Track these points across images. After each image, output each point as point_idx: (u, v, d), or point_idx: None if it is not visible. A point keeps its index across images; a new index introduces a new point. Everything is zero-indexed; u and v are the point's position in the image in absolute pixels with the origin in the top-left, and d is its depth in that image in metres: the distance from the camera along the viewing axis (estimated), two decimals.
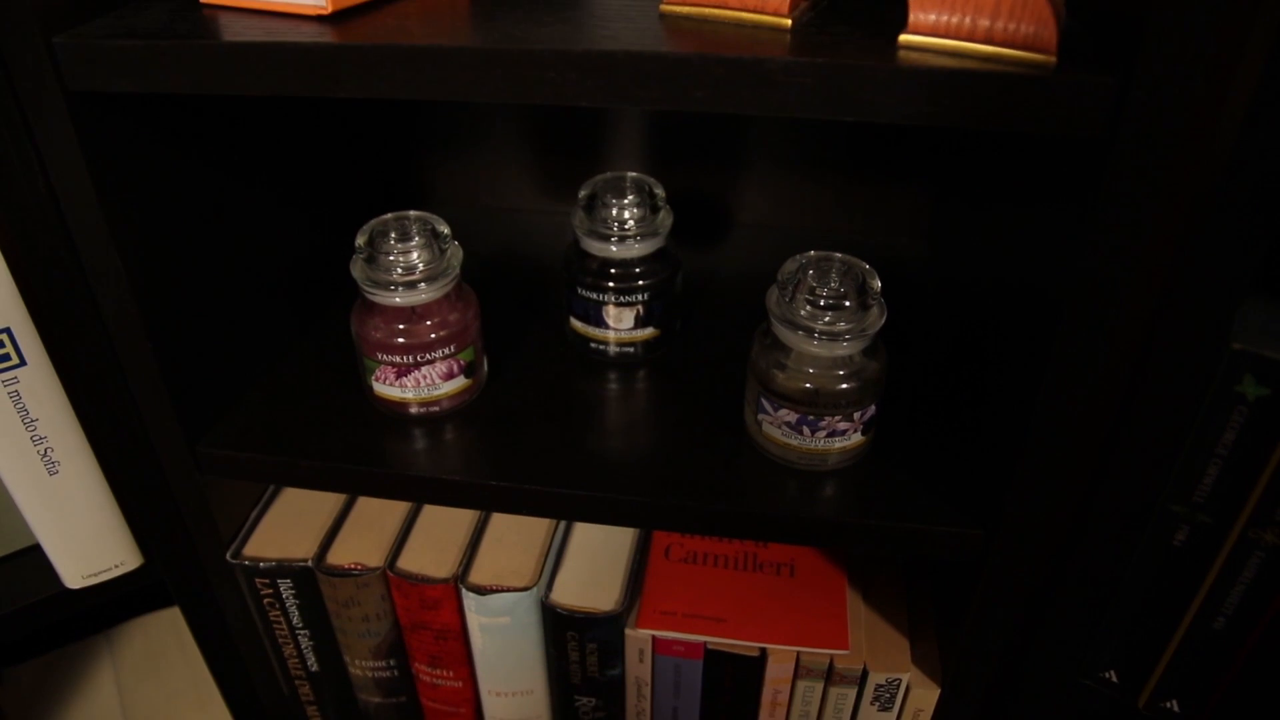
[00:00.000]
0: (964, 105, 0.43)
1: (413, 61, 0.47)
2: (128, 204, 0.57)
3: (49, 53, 0.50)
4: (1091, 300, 0.47)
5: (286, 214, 0.75)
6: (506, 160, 0.95)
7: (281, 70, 0.48)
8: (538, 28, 0.48)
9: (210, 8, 0.54)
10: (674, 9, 0.50)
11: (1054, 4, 0.44)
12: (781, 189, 0.92)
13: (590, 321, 0.72)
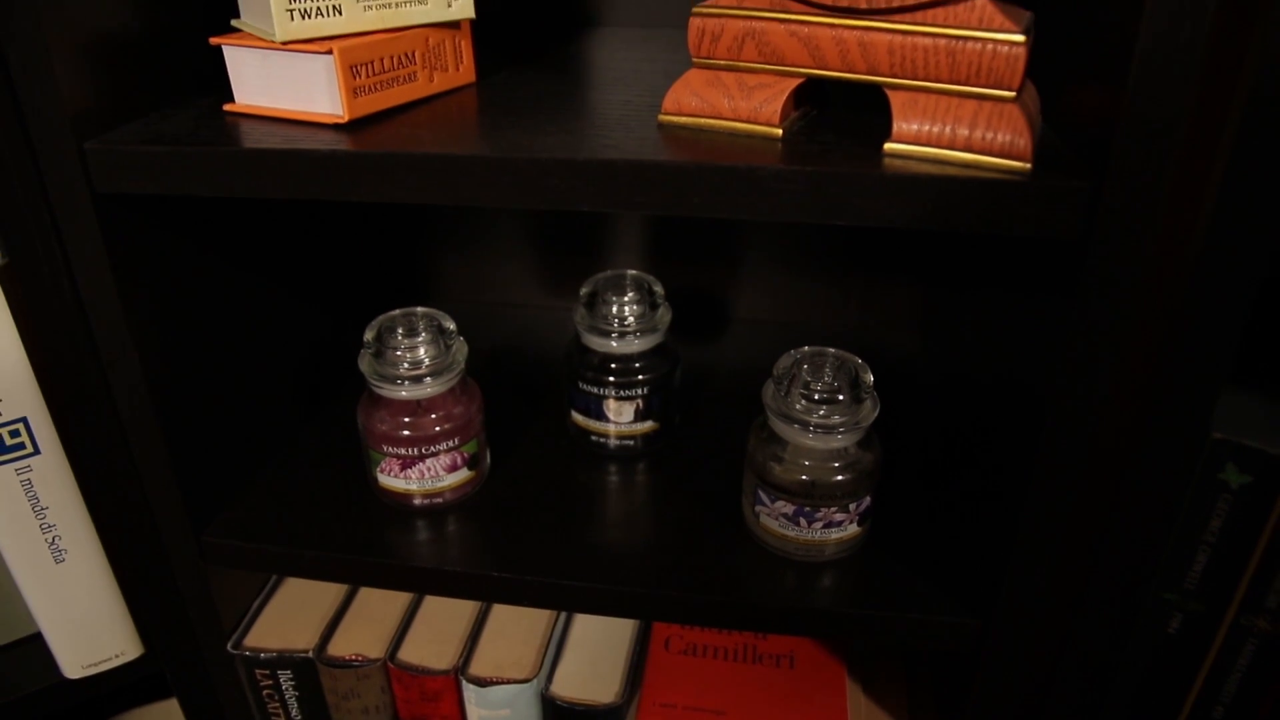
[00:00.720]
0: (946, 210, 0.46)
1: (425, 168, 0.49)
2: (146, 299, 0.59)
3: (80, 158, 0.53)
4: (1075, 392, 0.49)
5: (295, 307, 0.78)
6: (510, 257, 0.98)
7: (300, 176, 0.51)
8: (543, 136, 0.51)
9: (233, 114, 0.58)
10: (671, 119, 0.53)
11: (1028, 114, 0.47)
12: (777, 285, 0.95)
13: (591, 415, 0.74)
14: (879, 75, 0.48)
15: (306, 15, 0.53)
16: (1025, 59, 0.45)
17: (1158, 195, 0.43)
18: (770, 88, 0.50)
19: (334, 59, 0.52)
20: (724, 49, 0.50)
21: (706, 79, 0.51)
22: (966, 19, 0.45)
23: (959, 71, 0.46)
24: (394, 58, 0.56)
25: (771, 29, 0.49)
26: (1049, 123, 0.53)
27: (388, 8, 0.56)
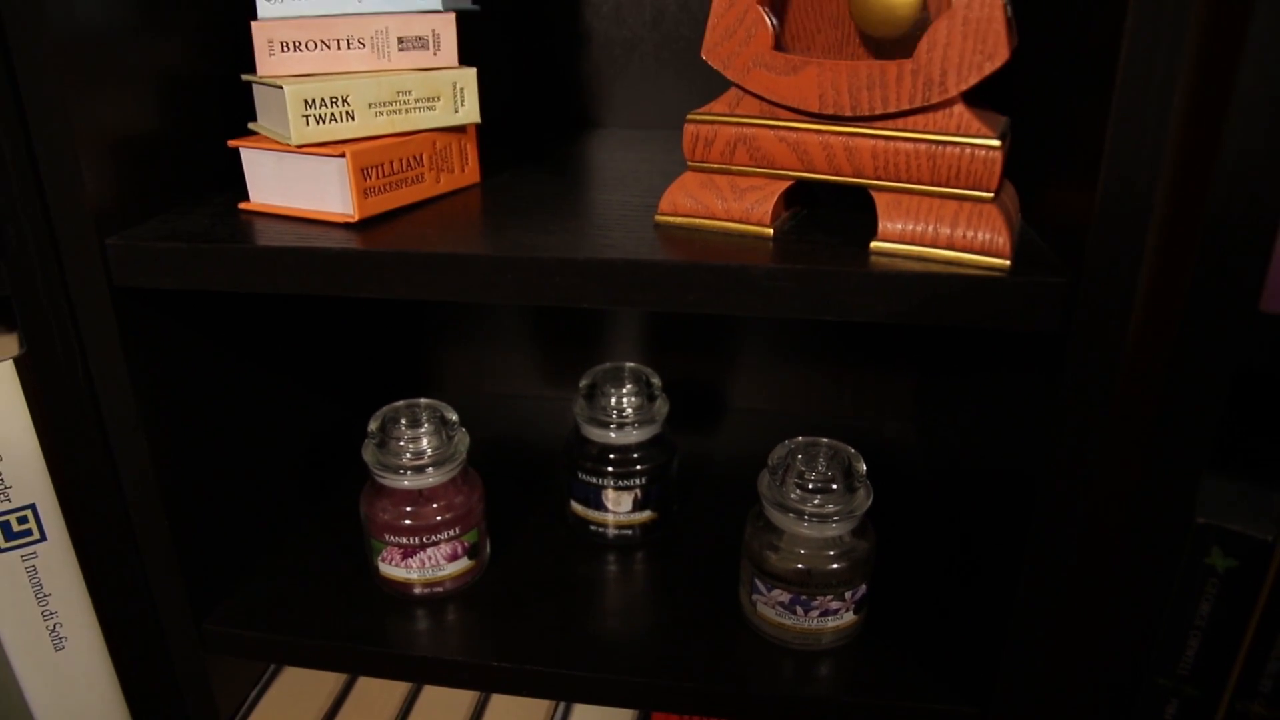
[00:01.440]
0: (930, 305, 0.48)
1: (431, 267, 0.52)
2: (157, 388, 0.61)
3: (101, 253, 0.55)
4: (1061, 479, 0.51)
5: (299, 396, 0.79)
6: (511, 349, 1.00)
7: (312, 273, 0.53)
8: (545, 235, 0.53)
9: (248, 213, 0.60)
10: (667, 219, 0.55)
11: (1007, 213, 0.49)
12: (772, 376, 0.97)
13: (590, 505, 0.75)
14: (864, 178, 0.50)
15: (321, 120, 0.56)
16: (1001, 162, 0.48)
17: (1131, 290, 0.46)
18: (761, 190, 0.53)
19: (346, 162, 0.55)
20: (717, 153, 0.53)
21: (701, 181, 0.54)
22: (945, 125, 0.48)
23: (939, 174, 0.48)
24: (403, 160, 0.59)
25: (762, 135, 0.51)
26: (1029, 220, 0.55)
27: (398, 113, 0.59)
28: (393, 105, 0.58)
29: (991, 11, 0.45)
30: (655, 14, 0.85)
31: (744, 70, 0.51)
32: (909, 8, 0.48)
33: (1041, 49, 0.54)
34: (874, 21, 0.49)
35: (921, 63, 0.47)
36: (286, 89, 0.55)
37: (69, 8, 0.51)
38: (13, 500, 0.62)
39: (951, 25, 0.46)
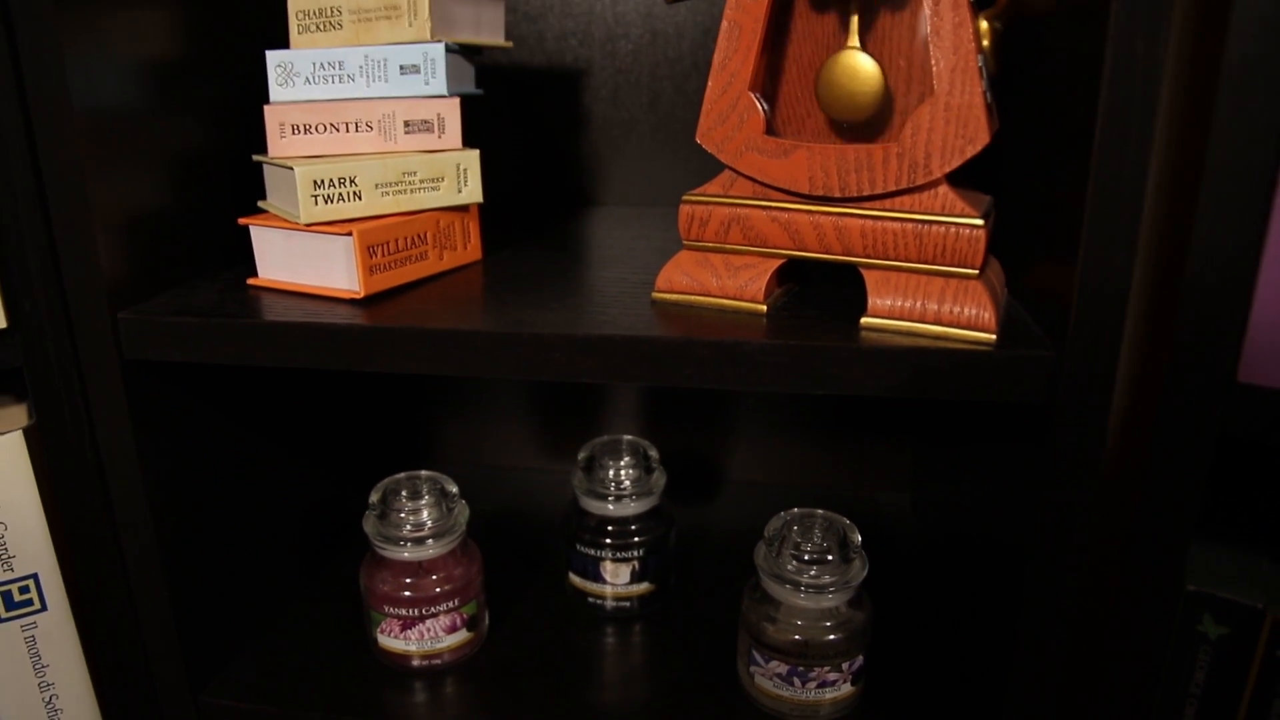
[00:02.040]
0: (919, 379, 0.49)
1: (434, 342, 0.53)
2: (162, 459, 0.62)
3: (113, 327, 0.57)
4: (1052, 548, 0.51)
5: (301, 468, 0.80)
6: (510, 421, 1.01)
7: (319, 347, 0.55)
8: (545, 312, 0.55)
9: (256, 288, 0.62)
10: (664, 296, 0.57)
11: (992, 289, 0.51)
12: (768, 448, 0.98)
13: (588, 577, 0.75)
14: (854, 256, 0.52)
15: (329, 200, 0.58)
16: (985, 240, 0.49)
17: (1112, 362, 0.47)
18: (755, 268, 0.54)
19: (353, 240, 0.57)
20: (712, 233, 0.55)
21: (696, 260, 0.56)
22: (931, 205, 0.50)
23: (926, 252, 0.50)
24: (407, 238, 0.61)
25: (755, 215, 0.53)
26: (1015, 294, 0.57)
27: (403, 193, 0.61)
28: (398, 185, 0.61)
29: (972, 99, 0.48)
30: (652, 96, 0.88)
31: (737, 154, 0.53)
32: (871, 95, 0.51)
33: (1022, 132, 0.57)
34: (839, 108, 0.52)
35: (906, 146, 0.49)
36: (297, 170, 0.57)
37: (92, 89, 0.54)
38: (15, 570, 0.63)
39: (934, 111, 0.48)
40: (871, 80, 0.51)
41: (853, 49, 0.51)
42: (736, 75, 0.52)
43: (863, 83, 0.51)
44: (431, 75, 0.61)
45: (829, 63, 0.52)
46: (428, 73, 0.61)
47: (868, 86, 0.51)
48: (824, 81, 0.52)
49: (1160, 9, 0.42)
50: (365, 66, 0.62)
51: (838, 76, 0.51)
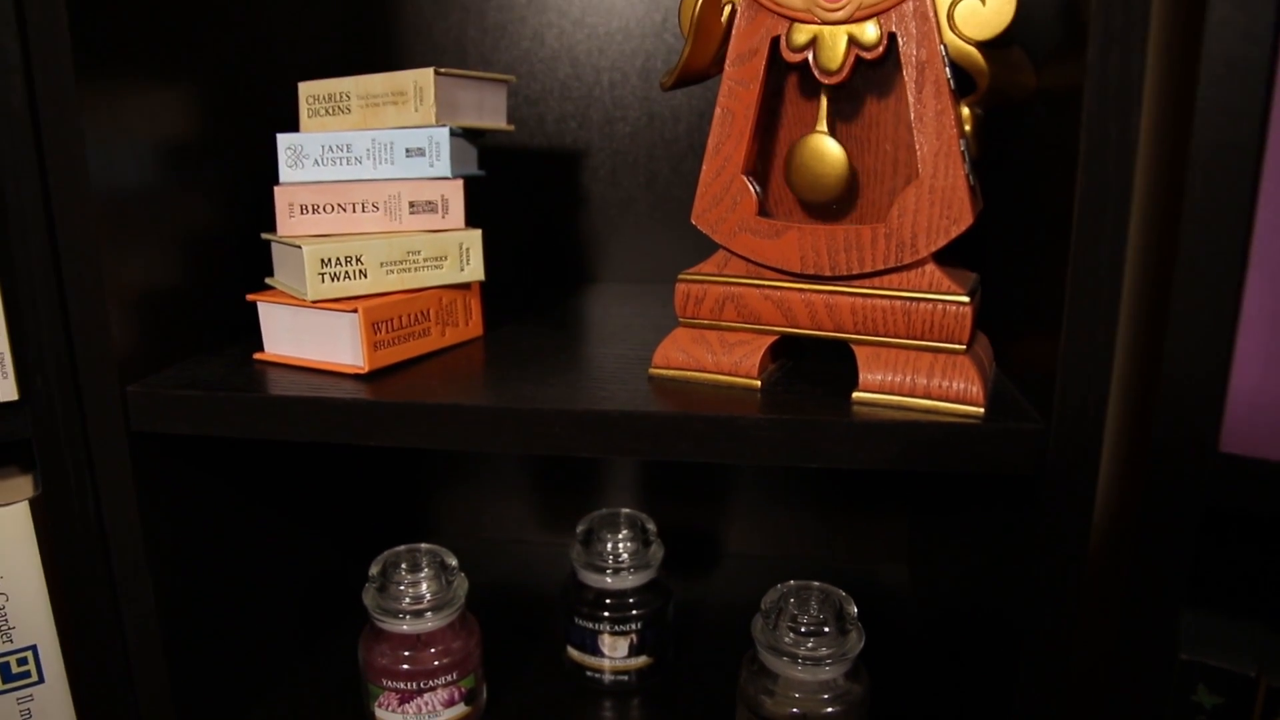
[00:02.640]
0: (910, 452, 0.50)
1: (436, 417, 0.54)
2: (165, 531, 0.63)
3: (122, 400, 0.58)
4: (1045, 619, 0.52)
5: (300, 539, 0.81)
6: (509, 495, 1.02)
7: (323, 422, 0.56)
8: (544, 387, 0.56)
9: (262, 363, 0.63)
10: (660, 372, 0.58)
11: (980, 363, 0.53)
12: (766, 521, 0.98)
13: (587, 650, 0.75)
14: (845, 332, 0.54)
15: (335, 278, 0.60)
16: (972, 317, 0.51)
17: (1098, 434, 0.48)
18: (749, 344, 0.56)
19: (358, 317, 0.59)
20: (707, 310, 0.56)
21: (692, 336, 0.57)
22: (918, 283, 0.52)
23: (914, 328, 0.52)
24: (411, 315, 0.63)
25: (748, 293, 0.55)
26: (1003, 368, 0.58)
27: (408, 271, 0.63)
28: (403, 264, 0.62)
29: (955, 181, 0.50)
30: (649, 176, 0.90)
31: (731, 234, 0.55)
32: (837, 179, 0.53)
33: (1006, 212, 0.59)
34: (805, 188, 0.54)
35: (894, 227, 0.51)
36: (305, 249, 0.59)
37: (110, 169, 0.56)
38: (15, 641, 0.63)
39: (920, 193, 0.50)
40: (837, 163, 0.53)
41: (820, 133, 0.53)
42: (730, 159, 0.54)
43: (830, 165, 0.53)
44: (436, 158, 0.64)
45: (796, 146, 0.54)
46: (432, 155, 0.64)
47: (834, 169, 0.53)
48: (792, 165, 0.54)
49: (1131, 97, 0.44)
50: (372, 149, 0.64)
51: (805, 159, 0.53)
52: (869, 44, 0.50)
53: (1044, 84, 0.52)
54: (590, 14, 0.88)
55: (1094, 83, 0.45)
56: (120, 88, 0.57)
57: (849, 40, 0.51)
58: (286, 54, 0.76)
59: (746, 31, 0.53)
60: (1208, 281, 0.45)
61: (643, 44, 0.88)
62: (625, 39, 0.88)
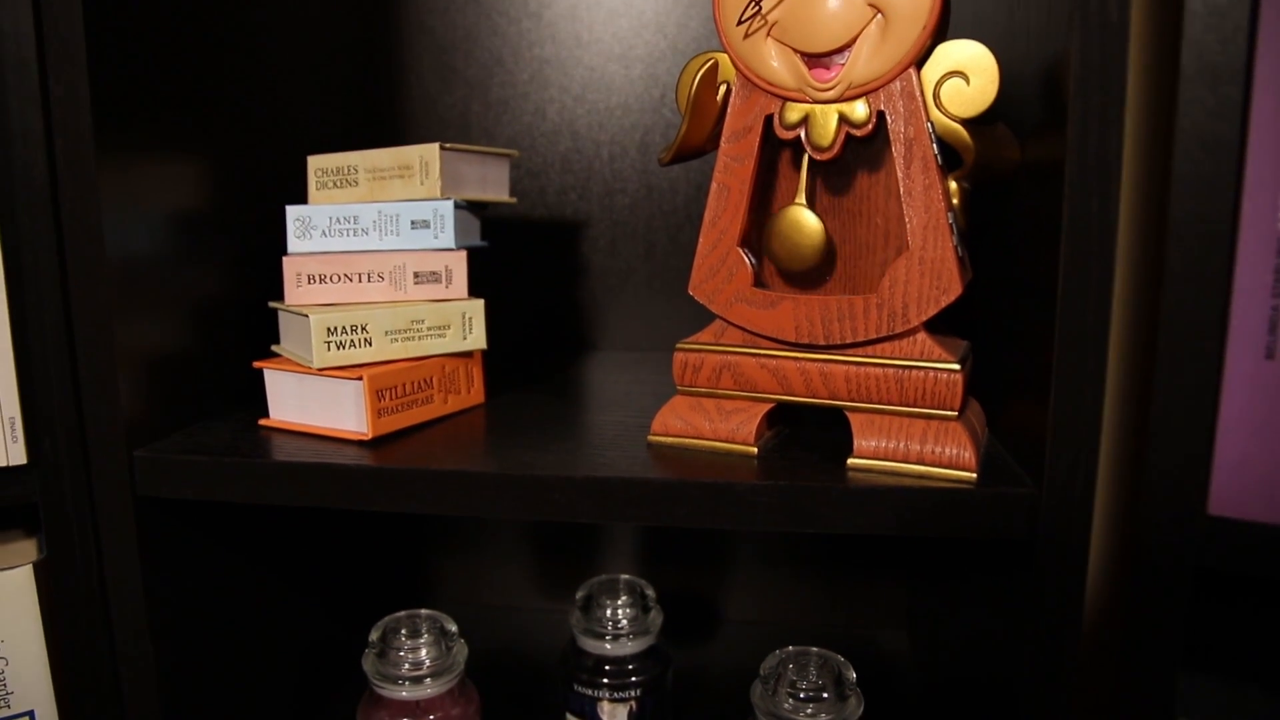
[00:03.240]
0: (904, 518, 0.51)
1: (439, 483, 0.55)
2: (166, 595, 0.63)
3: (129, 464, 0.59)
4: (1043, 684, 0.52)
5: (299, 604, 0.81)
6: (509, 561, 1.02)
7: (327, 487, 0.57)
8: (545, 454, 0.57)
9: (267, 429, 0.64)
10: (659, 439, 0.59)
11: (972, 429, 0.54)
12: (765, 587, 0.98)
13: (585, 717, 0.75)
14: (839, 400, 0.55)
15: (341, 346, 0.61)
16: (963, 384, 0.52)
17: (1088, 498, 0.49)
18: (745, 411, 0.57)
19: (363, 385, 0.60)
20: (704, 379, 0.58)
21: (689, 404, 0.59)
22: (910, 351, 0.53)
23: (907, 395, 0.53)
24: (414, 383, 0.64)
25: (745, 362, 0.56)
26: (995, 433, 0.59)
27: (412, 339, 0.64)
28: (407, 333, 0.64)
29: (944, 253, 0.51)
30: (647, 247, 0.92)
31: (727, 305, 0.56)
32: (813, 250, 0.54)
33: (995, 281, 0.60)
34: (784, 258, 0.55)
35: (885, 297, 0.53)
36: (312, 318, 0.60)
37: (125, 238, 0.58)
38: (12, 707, 0.63)
39: (910, 264, 0.52)
40: (814, 234, 0.54)
41: (798, 205, 0.55)
42: (725, 232, 0.56)
43: (806, 236, 0.54)
44: (441, 230, 0.65)
45: (775, 218, 0.55)
46: (437, 227, 0.66)
47: (810, 240, 0.54)
48: (771, 235, 0.55)
49: (1110, 172, 0.46)
50: (379, 221, 0.66)
51: (784, 230, 0.55)
52: (859, 122, 0.53)
53: (1028, 159, 0.54)
54: (591, 90, 0.91)
55: (1074, 159, 0.46)
56: (136, 160, 0.59)
57: (840, 118, 0.53)
58: (296, 127, 0.78)
59: (741, 110, 0.55)
60: (1189, 349, 0.46)
61: (641, 119, 0.91)
62: (624, 114, 0.91)
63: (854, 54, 0.52)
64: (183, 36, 0.63)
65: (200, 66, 0.65)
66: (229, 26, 0.68)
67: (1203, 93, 0.43)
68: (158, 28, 0.60)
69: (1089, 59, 0.46)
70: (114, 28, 0.56)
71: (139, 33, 0.59)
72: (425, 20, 0.93)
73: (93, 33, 0.54)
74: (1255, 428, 0.46)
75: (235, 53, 0.69)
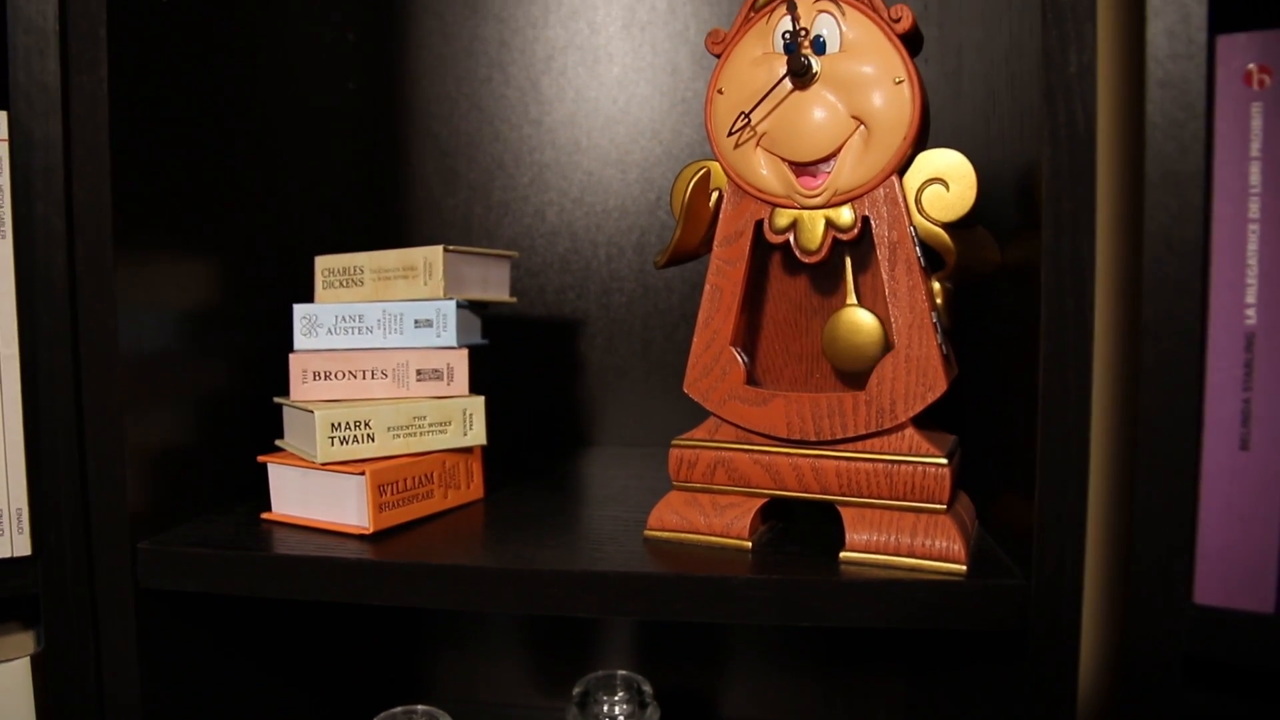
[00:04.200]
0: (897, 610, 0.52)
1: (438, 578, 0.56)
2: (162, 688, 0.63)
3: (132, 556, 0.60)
4: None
5: (297, 700, 0.80)
6: (506, 655, 1.01)
7: (329, 581, 0.57)
8: (542, 549, 0.58)
9: (269, 522, 0.65)
10: (655, 534, 0.60)
11: (961, 522, 0.55)
12: (762, 680, 0.97)
13: None
14: (831, 494, 0.56)
15: (344, 441, 0.63)
16: (951, 478, 0.54)
17: (1077, 589, 0.50)
18: (740, 506, 0.58)
19: (365, 480, 0.61)
20: (699, 474, 0.59)
21: (685, 499, 0.60)
22: (899, 446, 0.54)
23: (897, 490, 0.54)
24: (415, 478, 0.65)
25: (739, 458, 0.58)
26: (985, 526, 0.60)
27: (413, 435, 0.66)
28: (409, 429, 0.65)
29: (929, 351, 0.53)
30: (643, 345, 0.94)
31: (721, 402, 0.58)
32: (873, 347, 0.56)
33: (980, 378, 0.62)
34: (846, 359, 0.57)
35: (873, 394, 0.54)
36: (317, 414, 0.62)
37: (137, 335, 0.60)
38: None
39: (896, 363, 0.54)
40: (873, 331, 0.56)
41: (851, 306, 0.57)
42: (719, 333, 0.58)
43: (866, 334, 0.56)
44: (443, 329, 0.67)
45: (831, 322, 0.57)
46: (440, 326, 0.68)
47: (871, 337, 0.56)
48: (829, 338, 0.57)
49: (1084, 273, 0.48)
50: (383, 320, 0.68)
51: (842, 332, 0.56)
52: (845, 226, 0.55)
53: (1007, 260, 0.57)
54: (589, 193, 0.95)
55: (1049, 261, 0.49)
56: (151, 259, 0.61)
57: (827, 223, 0.55)
58: (304, 228, 0.81)
59: (732, 215, 0.58)
60: (1167, 443, 0.47)
61: (638, 220, 0.94)
62: (621, 216, 0.94)
63: (839, 163, 0.55)
64: (199, 140, 0.66)
65: (214, 169, 0.68)
66: (242, 131, 0.72)
67: (1166, 198, 0.46)
68: (177, 132, 0.63)
69: (1059, 168, 0.48)
70: (137, 134, 0.59)
71: (159, 138, 0.62)
72: (430, 126, 0.97)
73: (117, 140, 0.57)
74: (1235, 517, 0.48)
75: (247, 156, 0.72)
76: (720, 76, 0.58)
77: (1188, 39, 0.45)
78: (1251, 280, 0.46)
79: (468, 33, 0.96)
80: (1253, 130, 0.46)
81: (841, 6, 0.54)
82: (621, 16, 0.94)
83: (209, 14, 0.67)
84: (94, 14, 0.56)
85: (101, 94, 0.57)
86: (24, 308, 0.58)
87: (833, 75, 0.54)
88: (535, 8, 0.95)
